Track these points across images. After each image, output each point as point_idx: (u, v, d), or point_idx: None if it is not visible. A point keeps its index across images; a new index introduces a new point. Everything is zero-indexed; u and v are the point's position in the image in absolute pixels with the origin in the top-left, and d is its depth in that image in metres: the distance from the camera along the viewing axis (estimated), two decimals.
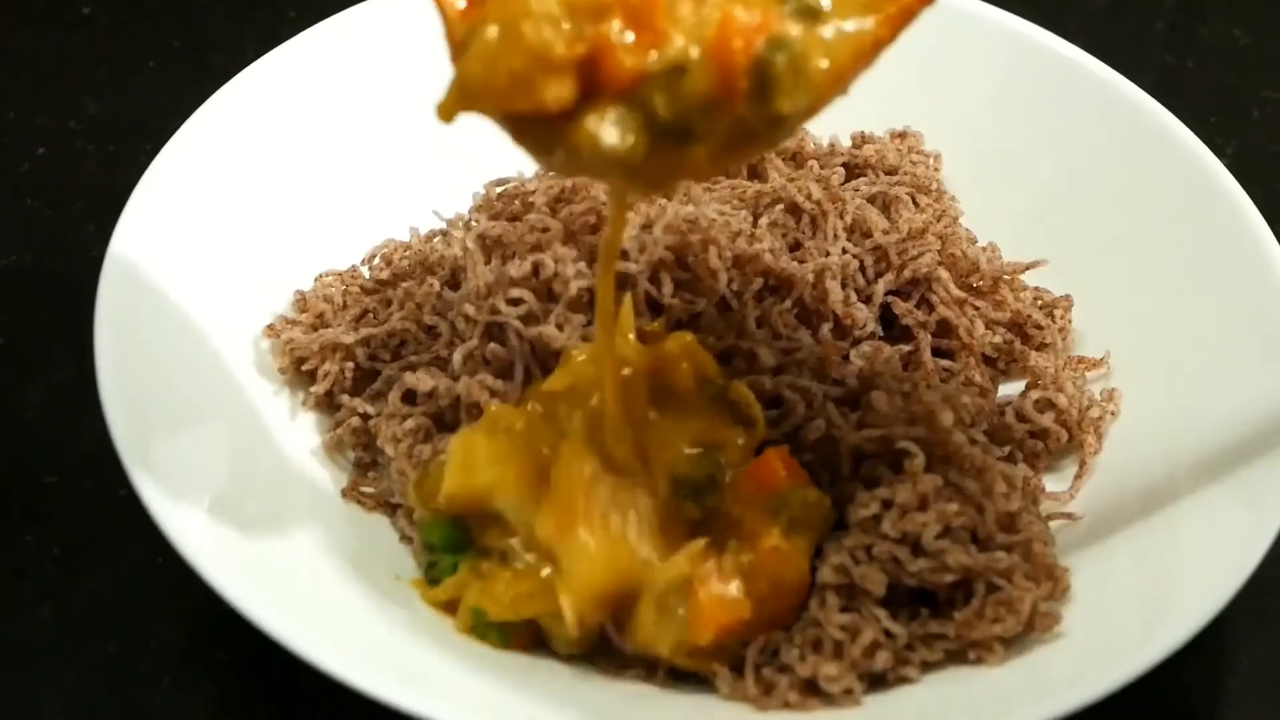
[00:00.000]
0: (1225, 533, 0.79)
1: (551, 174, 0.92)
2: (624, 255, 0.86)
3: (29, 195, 1.03)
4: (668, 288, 0.86)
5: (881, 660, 0.76)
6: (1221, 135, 1.06)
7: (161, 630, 0.83)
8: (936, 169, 1.00)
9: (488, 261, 0.87)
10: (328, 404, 0.89)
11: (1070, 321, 0.94)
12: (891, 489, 0.78)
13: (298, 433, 0.87)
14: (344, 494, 0.85)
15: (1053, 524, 0.84)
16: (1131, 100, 0.97)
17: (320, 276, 0.92)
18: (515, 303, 0.85)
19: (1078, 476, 0.88)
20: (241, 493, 0.82)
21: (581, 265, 0.86)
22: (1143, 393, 0.90)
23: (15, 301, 0.97)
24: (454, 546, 0.81)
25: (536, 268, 0.86)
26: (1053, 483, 0.88)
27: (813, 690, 0.76)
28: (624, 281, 0.85)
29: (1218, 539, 0.79)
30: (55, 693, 0.81)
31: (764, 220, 0.90)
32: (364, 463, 0.87)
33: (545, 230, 0.87)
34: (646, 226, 0.88)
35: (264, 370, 0.88)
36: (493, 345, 0.85)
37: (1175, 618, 0.76)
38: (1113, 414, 0.89)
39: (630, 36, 0.67)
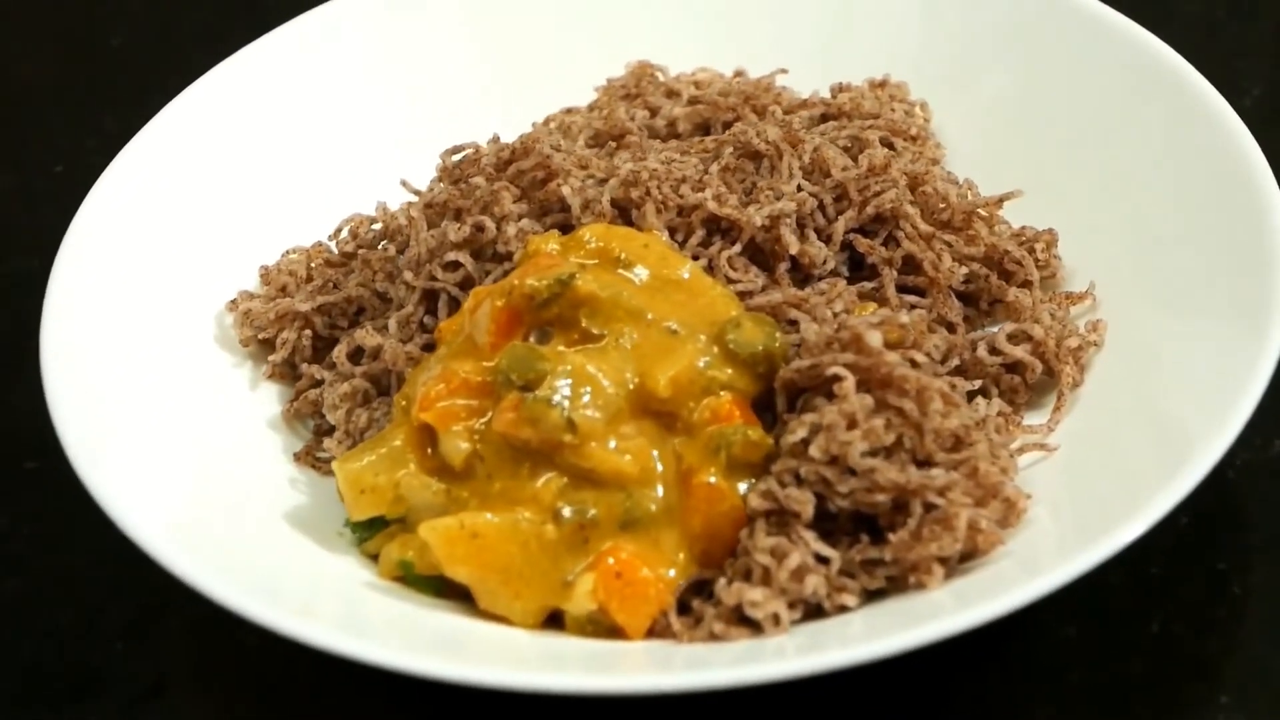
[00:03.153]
0: (1185, 435, 0.76)
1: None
2: (567, 208, 0.86)
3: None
4: None
5: (811, 585, 0.73)
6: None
7: (119, 600, 0.84)
8: (926, 119, 0.97)
9: (432, 227, 0.87)
10: (289, 373, 0.89)
11: (1056, 256, 0.90)
12: (821, 413, 0.75)
13: (259, 403, 0.88)
14: (297, 459, 0.85)
15: (1028, 456, 0.81)
16: (1122, 30, 0.95)
17: (286, 253, 0.93)
18: (453, 267, 0.85)
19: (1056, 409, 0.84)
20: (194, 464, 0.83)
21: (525, 223, 0.85)
22: (1128, 321, 0.86)
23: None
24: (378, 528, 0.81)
25: (478, 229, 0.85)
26: (1037, 417, 0.84)
27: (740, 619, 0.74)
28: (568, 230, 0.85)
29: (1182, 441, 0.76)
30: (8, 657, 0.83)
31: (714, 167, 0.88)
32: (323, 429, 0.87)
33: (493, 189, 0.86)
34: (591, 177, 0.87)
35: (227, 344, 0.89)
36: (427, 317, 0.85)
37: (1132, 517, 0.72)
38: (1095, 344, 0.86)
39: None
